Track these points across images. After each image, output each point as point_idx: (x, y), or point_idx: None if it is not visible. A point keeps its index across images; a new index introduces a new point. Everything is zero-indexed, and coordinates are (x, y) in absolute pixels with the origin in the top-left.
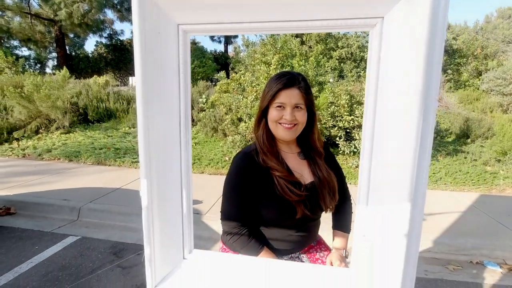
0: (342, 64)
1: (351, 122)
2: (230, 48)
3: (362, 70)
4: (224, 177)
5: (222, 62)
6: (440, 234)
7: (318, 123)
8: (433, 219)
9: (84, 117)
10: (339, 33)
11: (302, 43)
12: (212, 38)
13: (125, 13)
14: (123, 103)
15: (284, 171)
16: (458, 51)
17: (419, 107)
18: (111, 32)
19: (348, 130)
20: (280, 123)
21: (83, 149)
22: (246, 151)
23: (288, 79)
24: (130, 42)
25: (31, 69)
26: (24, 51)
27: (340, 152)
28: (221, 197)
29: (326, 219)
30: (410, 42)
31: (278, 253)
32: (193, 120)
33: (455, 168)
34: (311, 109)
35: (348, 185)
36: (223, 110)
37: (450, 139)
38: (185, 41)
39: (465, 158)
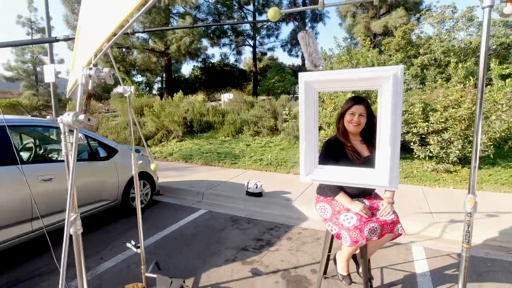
0: (425, 71)
1: (426, 128)
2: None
3: (449, 75)
4: None
5: None
6: (509, 227)
7: None
8: (505, 216)
9: (190, 129)
10: (420, 39)
11: (381, 52)
12: (290, 53)
13: (216, 39)
14: (219, 116)
15: (352, 145)
16: None
17: (392, 122)
18: (204, 57)
19: (423, 136)
20: (350, 122)
21: (194, 153)
22: (331, 139)
23: (358, 100)
24: (220, 63)
25: (143, 92)
26: (138, 77)
27: (415, 156)
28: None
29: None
30: (389, 96)
31: (350, 196)
32: (277, 130)
33: None
34: (370, 116)
35: (419, 187)
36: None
37: None
38: (317, 93)
39: None
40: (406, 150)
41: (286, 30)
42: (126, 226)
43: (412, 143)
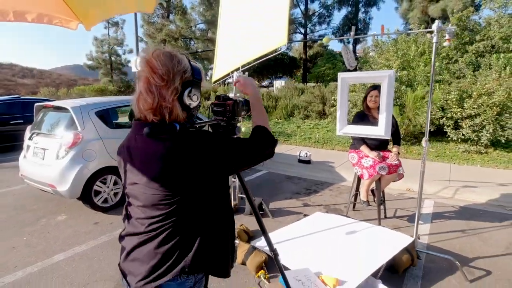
0: (479, 58)
1: (460, 113)
2: (358, 47)
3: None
4: (346, 153)
5: None
6: None
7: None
8: None
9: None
10: (479, 25)
11: None
12: (341, 40)
13: None
14: (273, 101)
15: (372, 115)
16: None
17: (387, 99)
18: None
19: (458, 121)
20: (370, 101)
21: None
22: (359, 111)
23: (374, 87)
24: (271, 52)
25: None
26: None
27: (449, 139)
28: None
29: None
30: (385, 86)
31: (370, 148)
32: (325, 114)
33: None
34: None
35: (448, 164)
36: (349, 105)
37: None
38: (348, 85)
39: None
40: (440, 133)
41: (338, 16)
42: None
43: (446, 127)
